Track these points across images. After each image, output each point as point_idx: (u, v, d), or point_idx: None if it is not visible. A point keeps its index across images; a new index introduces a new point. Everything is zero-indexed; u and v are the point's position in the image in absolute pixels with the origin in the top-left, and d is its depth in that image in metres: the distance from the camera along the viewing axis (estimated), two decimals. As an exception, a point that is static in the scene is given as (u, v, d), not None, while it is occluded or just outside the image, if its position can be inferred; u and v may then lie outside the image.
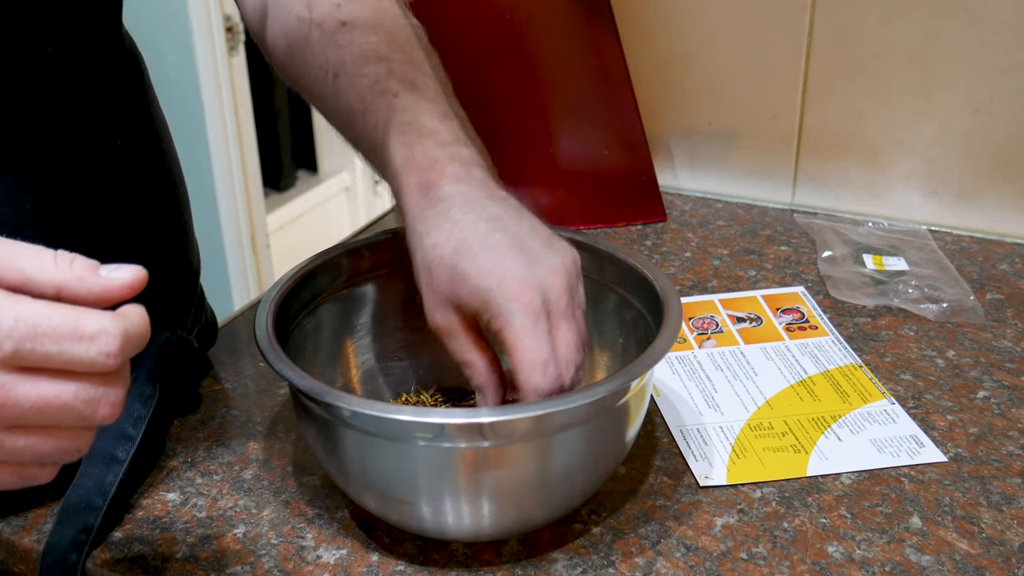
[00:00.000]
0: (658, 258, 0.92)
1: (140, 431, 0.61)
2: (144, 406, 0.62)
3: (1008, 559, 0.55)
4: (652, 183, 0.97)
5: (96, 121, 0.63)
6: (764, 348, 0.76)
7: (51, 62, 0.59)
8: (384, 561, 0.56)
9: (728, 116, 1.02)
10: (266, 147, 2.23)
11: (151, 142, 0.69)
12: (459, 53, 0.90)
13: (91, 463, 0.59)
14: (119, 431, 0.60)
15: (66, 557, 0.56)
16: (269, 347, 0.54)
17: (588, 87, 0.92)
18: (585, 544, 0.57)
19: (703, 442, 0.66)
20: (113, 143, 0.64)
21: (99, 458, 0.59)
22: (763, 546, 0.56)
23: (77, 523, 0.57)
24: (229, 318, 0.84)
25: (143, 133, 0.69)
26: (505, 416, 0.49)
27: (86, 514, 0.57)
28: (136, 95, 0.69)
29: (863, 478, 0.62)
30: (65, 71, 0.60)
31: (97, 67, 0.63)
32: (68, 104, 0.60)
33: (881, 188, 0.98)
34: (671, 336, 0.55)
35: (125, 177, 0.65)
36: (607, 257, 0.64)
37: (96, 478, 0.58)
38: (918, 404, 0.69)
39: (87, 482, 0.58)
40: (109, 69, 0.65)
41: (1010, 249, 0.91)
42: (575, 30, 0.89)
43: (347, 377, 0.67)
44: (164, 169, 0.71)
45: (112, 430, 0.60)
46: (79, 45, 0.61)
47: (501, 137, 0.94)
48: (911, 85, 0.92)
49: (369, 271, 0.67)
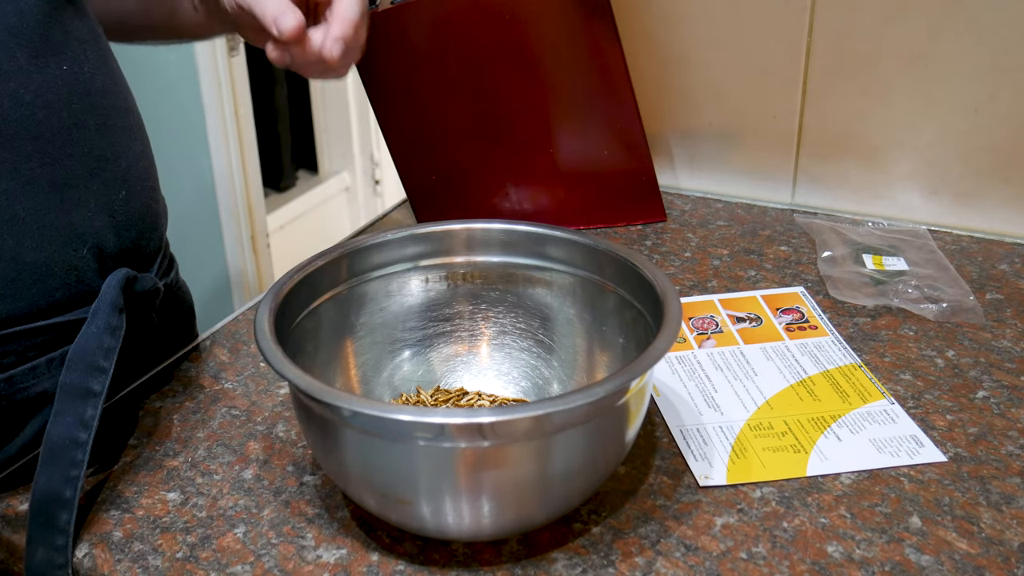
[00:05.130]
0: (658, 258, 0.92)
1: (112, 362, 0.61)
2: (112, 337, 0.62)
3: (1008, 559, 0.55)
4: (652, 183, 0.97)
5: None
6: (764, 348, 0.76)
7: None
8: (384, 561, 0.56)
9: (728, 116, 1.02)
10: (266, 147, 2.23)
11: (113, 76, 0.70)
12: (459, 53, 0.90)
13: (67, 399, 0.59)
14: (90, 364, 0.61)
15: (60, 494, 0.56)
16: (269, 347, 0.54)
17: (588, 87, 0.92)
18: (585, 544, 0.57)
19: (703, 442, 0.66)
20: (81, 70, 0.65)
21: (75, 392, 0.59)
22: (763, 546, 0.56)
23: (64, 460, 0.57)
24: (229, 318, 0.84)
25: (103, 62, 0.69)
26: (505, 416, 0.49)
27: (72, 450, 0.57)
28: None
29: (863, 478, 0.62)
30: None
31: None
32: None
33: (881, 188, 0.98)
34: (671, 336, 0.55)
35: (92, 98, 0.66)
36: (607, 257, 0.65)
37: (75, 414, 0.59)
38: (918, 404, 0.69)
39: (66, 419, 0.58)
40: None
41: (1010, 249, 0.91)
42: (575, 30, 0.89)
43: (347, 377, 0.67)
44: (127, 108, 0.71)
45: (82, 364, 0.60)
46: None
47: (501, 137, 0.95)
48: (911, 85, 0.92)
49: (369, 271, 0.67)
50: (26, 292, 0.61)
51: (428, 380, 0.70)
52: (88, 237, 0.64)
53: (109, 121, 0.66)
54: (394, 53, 0.90)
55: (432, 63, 0.91)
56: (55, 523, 0.57)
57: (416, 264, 0.69)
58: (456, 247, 0.69)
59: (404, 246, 0.68)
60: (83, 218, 0.64)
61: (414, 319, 0.70)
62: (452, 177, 0.97)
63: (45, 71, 0.62)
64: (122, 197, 0.67)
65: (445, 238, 0.68)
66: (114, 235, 0.66)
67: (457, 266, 0.69)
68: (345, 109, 2.59)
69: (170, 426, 0.69)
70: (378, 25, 0.89)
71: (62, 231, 0.62)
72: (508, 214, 0.98)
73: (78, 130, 0.64)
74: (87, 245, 0.64)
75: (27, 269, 0.61)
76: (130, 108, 0.70)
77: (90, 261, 0.64)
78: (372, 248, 0.67)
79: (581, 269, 0.66)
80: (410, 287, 0.69)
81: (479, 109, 0.93)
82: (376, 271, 0.68)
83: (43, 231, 0.61)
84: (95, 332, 0.62)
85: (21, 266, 0.61)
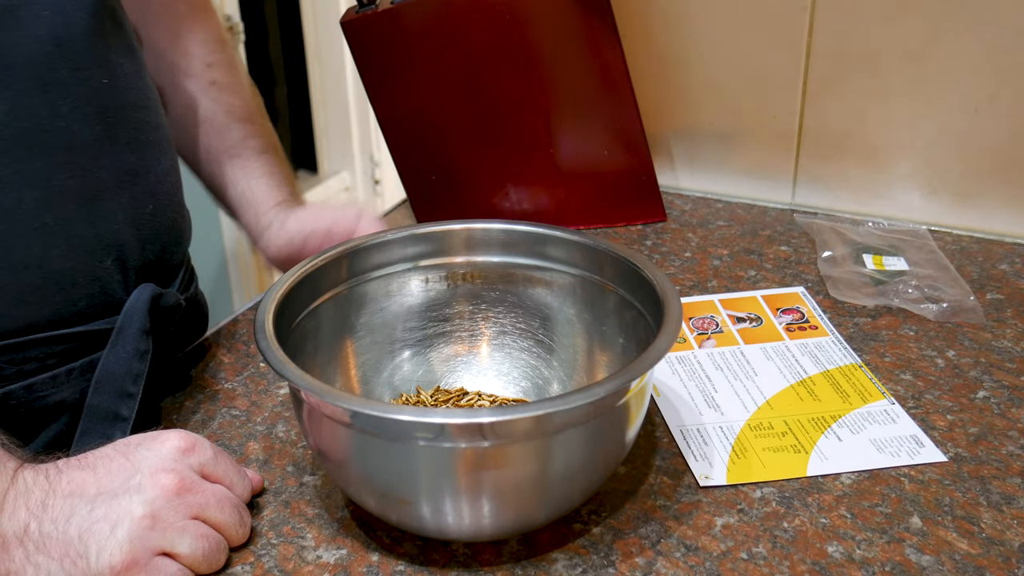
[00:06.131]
0: (658, 258, 0.92)
1: (140, 388, 0.62)
2: (141, 362, 0.63)
3: (1008, 559, 0.55)
4: (652, 183, 0.97)
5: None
6: (764, 348, 0.76)
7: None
8: (384, 561, 0.56)
9: (728, 116, 1.02)
10: (266, 147, 2.23)
11: (147, 95, 0.71)
12: (459, 53, 0.90)
13: (95, 421, 0.59)
14: (120, 389, 0.61)
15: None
16: (269, 347, 0.54)
17: (588, 87, 0.92)
18: (585, 544, 0.57)
19: (703, 442, 0.66)
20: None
21: (103, 415, 0.60)
22: (763, 546, 0.56)
23: None
24: (229, 318, 0.84)
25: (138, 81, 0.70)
26: (505, 416, 0.49)
27: None
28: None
29: (863, 478, 0.62)
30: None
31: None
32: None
33: (881, 188, 0.98)
34: (671, 336, 0.55)
35: (124, 119, 0.66)
36: (607, 257, 0.65)
37: (102, 436, 0.59)
38: (918, 404, 0.69)
39: (93, 440, 0.59)
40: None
41: (1010, 249, 0.91)
42: (575, 30, 0.89)
43: (347, 377, 0.67)
44: (158, 123, 0.71)
45: (112, 389, 0.61)
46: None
47: (501, 137, 0.94)
48: (911, 85, 0.92)
49: (369, 271, 0.67)
50: (50, 300, 0.62)
51: (428, 380, 0.70)
52: (114, 249, 0.65)
53: (141, 136, 0.67)
54: (394, 53, 0.90)
55: (432, 63, 0.91)
56: None
57: (416, 264, 0.69)
58: (456, 247, 0.69)
59: (404, 246, 0.68)
60: (110, 230, 0.64)
61: (414, 319, 0.70)
62: (452, 177, 0.97)
63: (85, 84, 0.62)
64: (149, 211, 0.68)
65: (445, 238, 0.68)
66: (139, 248, 0.67)
67: (457, 266, 0.69)
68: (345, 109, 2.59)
69: (170, 426, 0.69)
70: (378, 25, 0.89)
71: (89, 242, 0.63)
72: (508, 214, 0.98)
73: (111, 143, 0.64)
74: (112, 256, 0.64)
75: (52, 277, 0.61)
76: (160, 123, 0.71)
77: (114, 272, 0.65)
78: (372, 248, 0.67)
79: (581, 269, 0.66)
80: (410, 287, 0.69)
81: (479, 109, 0.93)
82: (376, 271, 0.68)
83: (70, 241, 0.62)
84: (124, 357, 0.62)
85: (47, 274, 0.61)
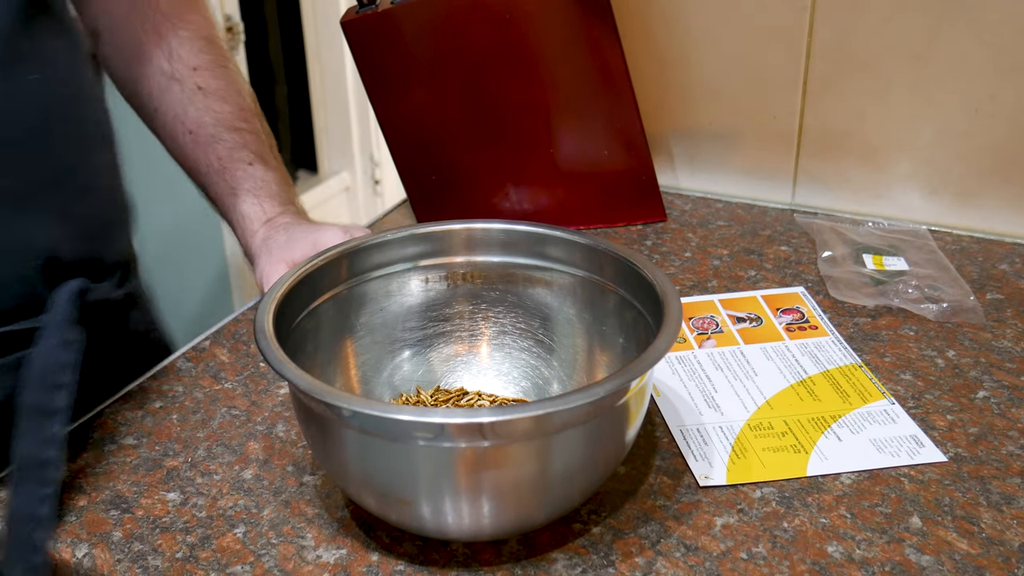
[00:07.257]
0: (658, 258, 0.92)
1: (73, 376, 0.60)
2: (67, 351, 0.61)
3: (1008, 559, 0.55)
4: (652, 183, 0.97)
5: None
6: (764, 348, 0.76)
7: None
8: (384, 561, 0.56)
9: (728, 116, 1.02)
10: (266, 147, 2.23)
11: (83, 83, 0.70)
12: (459, 53, 0.90)
13: (30, 418, 0.58)
14: (49, 382, 0.60)
15: (34, 513, 0.56)
16: (269, 347, 0.54)
17: (588, 87, 0.92)
18: (585, 544, 0.57)
19: (703, 442, 0.66)
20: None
21: (37, 411, 0.58)
22: (763, 546, 0.56)
23: (35, 479, 0.56)
24: (229, 318, 0.84)
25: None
26: (505, 416, 0.49)
27: (42, 469, 0.57)
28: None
29: (863, 478, 0.62)
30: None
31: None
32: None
33: (881, 188, 0.98)
34: (671, 336, 0.55)
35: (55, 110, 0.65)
36: (607, 257, 0.65)
37: (40, 432, 0.58)
38: (918, 404, 0.69)
39: (32, 438, 0.58)
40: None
41: (1010, 249, 0.91)
42: (575, 30, 0.89)
43: (347, 377, 0.67)
44: (98, 118, 0.70)
45: (39, 383, 0.60)
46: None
47: (501, 137, 0.94)
48: (911, 85, 0.92)
49: (369, 271, 0.67)
50: None
51: (428, 380, 0.70)
52: (42, 249, 0.63)
53: (77, 132, 0.66)
54: (394, 53, 0.90)
55: (432, 63, 0.91)
56: (32, 542, 0.55)
57: (416, 264, 0.69)
58: (456, 247, 0.69)
59: (404, 246, 0.68)
60: (40, 230, 0.63)
61: (414, 319, 0.70)
62: (452, 177, 0.97)
63: (11, 81, 0.61)
64: (82, 208, 0.66)
65: (445, 238, 0.68)
66: (71, 246, 0.66)
67: (457, 266, 0.69)
68: (345, 109, 2.59)
69: (170, 426, 0.69)
70: (378, 25, 0.89)
71: (16, 242, 0.62)
72: (508, 214, 0.98)
73: (42, 141, 0.63)
74: (43, 257, 0.63)
75: None
76: (100, 119, 0.69)
77: (43, 272, 0.64)
78: (372, 248, 0.67)
79: (581, 269, 0.66)
80: (410, 287, 0.69)
81: (479, 109, 0.93)
82: (376, 271, 0.68)
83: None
84: (49, 349, 0.61)
85: None
